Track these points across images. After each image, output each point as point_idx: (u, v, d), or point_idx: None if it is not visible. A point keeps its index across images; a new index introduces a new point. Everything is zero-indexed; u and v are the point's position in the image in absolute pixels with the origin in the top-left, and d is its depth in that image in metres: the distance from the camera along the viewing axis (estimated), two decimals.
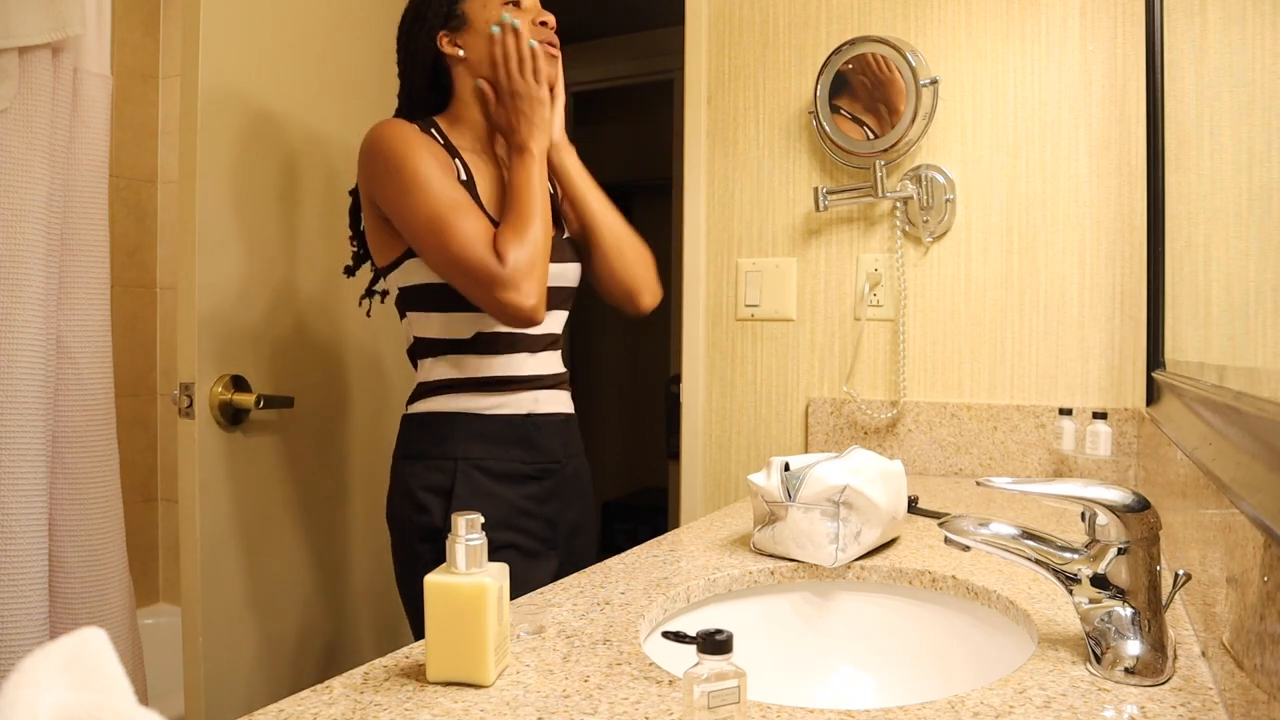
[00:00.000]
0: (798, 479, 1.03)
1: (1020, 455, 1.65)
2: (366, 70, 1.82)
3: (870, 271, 1.78)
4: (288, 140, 1.68)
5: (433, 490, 1.24)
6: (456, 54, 1.28)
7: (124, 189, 2.49)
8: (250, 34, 1.59)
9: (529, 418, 1.28)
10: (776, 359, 1.87)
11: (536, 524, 1.27)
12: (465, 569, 0.68)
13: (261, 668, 1.61)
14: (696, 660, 0.59)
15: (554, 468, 1.30)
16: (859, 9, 1.79)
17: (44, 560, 1.38)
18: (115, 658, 0.35)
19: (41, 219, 1.38)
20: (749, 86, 1.90)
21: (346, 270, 1.43)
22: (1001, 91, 1.68)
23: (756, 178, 1.89)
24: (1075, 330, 1.64)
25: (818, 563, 1.01)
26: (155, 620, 2.45)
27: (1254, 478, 0.59)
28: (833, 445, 1.79)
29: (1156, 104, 1.49)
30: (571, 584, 0.98)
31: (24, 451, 1.36)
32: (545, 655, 0.75)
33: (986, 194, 1.70)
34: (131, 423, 2.47)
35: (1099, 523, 0.72)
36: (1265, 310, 0.74)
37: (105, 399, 1.52)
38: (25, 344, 1.36)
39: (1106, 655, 0.70)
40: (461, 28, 1.28)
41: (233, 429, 1.56)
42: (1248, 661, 0.56)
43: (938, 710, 0.64)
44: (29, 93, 1.37)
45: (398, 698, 0.66)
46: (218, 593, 1.52)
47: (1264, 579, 0.52)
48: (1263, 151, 0.77)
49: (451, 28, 1.28)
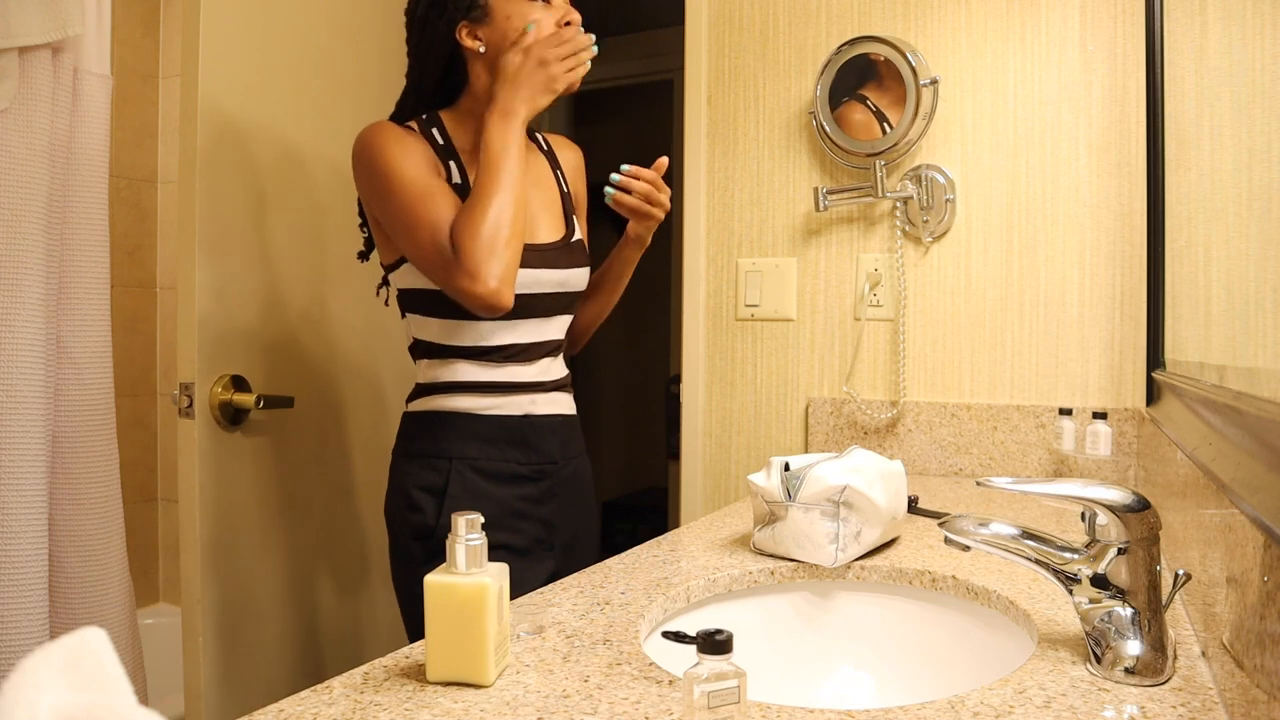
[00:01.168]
0: (798, 479, 1.03)
1: (1020, 455, 1.65)
2: (368, 70, 1.82)
3: (870, 271, 1.78)
4: (288, 139, 1.68)
5: (427, 489, 1.24)
6: (476, 48, 1.24)
7: (124, 189, 2.49)
8: (251, 34, 1.59)
9: (525, 418, 1.27)
10: (776, 359, 1.87)
11: (531, 525, 1.27)
12: (465, 569, 0.68)
13: (261, 668, 1.61)
14: (696, 660, 0.59)
15: (551, 468, 1.30)
16: (859, 9, 1.79)
17: (44, 560, 1.38)
18: (115, 658, 0.35)
19: (41, 219, 1.38)
20: (749, 86, 1.90)
21: (360, 255, 1.40)
22: (1001, 91, 1.68)
23: (756, 178, 1.89)
24: (1075, 330, 1.64)
25: (818, 563, 1.01)
26: (155, 620, 2.45)
27: (1254, 478, 0.59)
28: (833, 445, 1.79)
29: (1156, 104, 1.49)
30: (571, 584, 0.98)
31: (24, 451, 1.36)
32: (545, 655, 0.75)
33: (986, 194, 1.70)
34: (131, 423, 2.47)
35: (1099, 523, 0.72)
36: (1265, 310, 0.74)
37: (105, 399, 1.52)
38: (25, 344, 1.36)
39: (1106, 655, 0.70)
40: (483, 20, 1.23)
41: (233, 429, 1.56)
42: (1248, 661, 0.56)
43: (938, 710, 0.64)
44: (29, 93, 1.37)
45: (398, 698, 0.66)
46: (218, 593, 1.52)
47: (1264, 579, 0.52)
48: (1263, 151, 0.77)
49: (474, 19, 1.23)
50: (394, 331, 1.78)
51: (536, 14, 1.22)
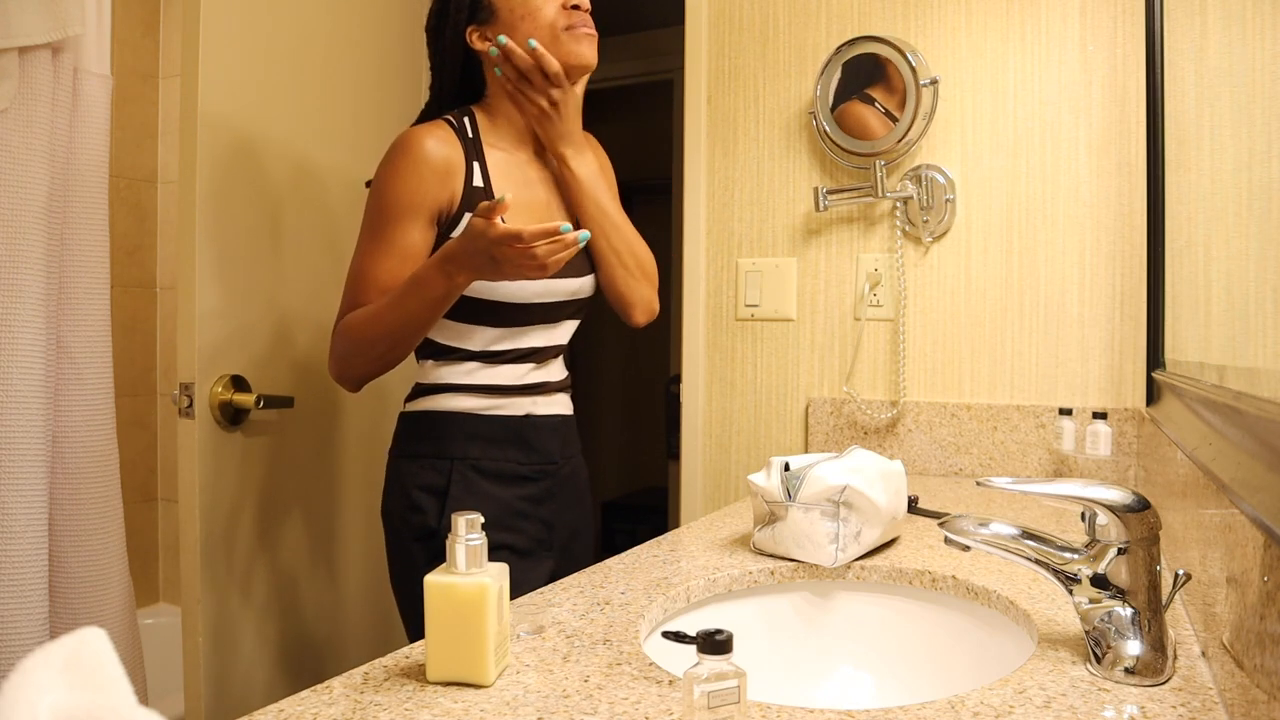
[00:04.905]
0: (798, 479, 1.03)
1: (1020, 455, 1.65)
2: (370, 70, 1.82)
3: (870, 271, 1.78)
4: (289, 139, 1.68)
5: (428, 490, 1.24)
6: (487, 49, 1.24)
7: (124, 189, 2.49)
8: (252, 34, 1.59)
9: (526, 419, 1.27)
10: (776, 359, 1.87)
11: (532, 525, 1.27)
12: (465, 569, 0.68)
13: (261, 667, 1.61)
14: (696, 660, 0.59)
15: (551, 468, 1.30)
16: (859, 9, 1.79)
17: (44, 560, 1.38)
18: (115, 658, 0.35)
19: (41, 219, 1.38)
20: (749, 86, 1.90)
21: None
22: (1001, 91, 1.68)
23: (756, 178, 1.89)
24: (1075, 330, 1.64)
25: (818, 563, 1.01)
26: (155, 620, 2.45)
27: (1254, 478, 0.59)
28: (833, 445, 1.79)
29: (1156, 104, 1.49)
30: (571, 584, 0.98)
31: (24, 451, 1.35)
32: (545, 655, 0.75)
33: (986, 194, 1.70)
34: (131, 423, 2.46)
35: (1099, 523, 0.72)
36: (1265, 310, 0.74)
37: (105, 399, 1.51)
38: (25, 344, 1.36)
39: (1106, 655, 0.70)
40: (490, 20, 1.23)
41: (233, 429, 1.56)
42: (1248, 661, 0.56)
43: (938, 710, 0.64)
44: (29, 93, 1.36)
45: (398, 698, 0.66)
46: (217, 593, 1.52)
47: (1264, 579, 0.52)
48: (1263, 151, 0.77)
49: (480, 20, 1.23)
50: None
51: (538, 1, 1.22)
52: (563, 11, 1.22)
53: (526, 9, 1.22)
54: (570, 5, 1.23)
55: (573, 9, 1.23)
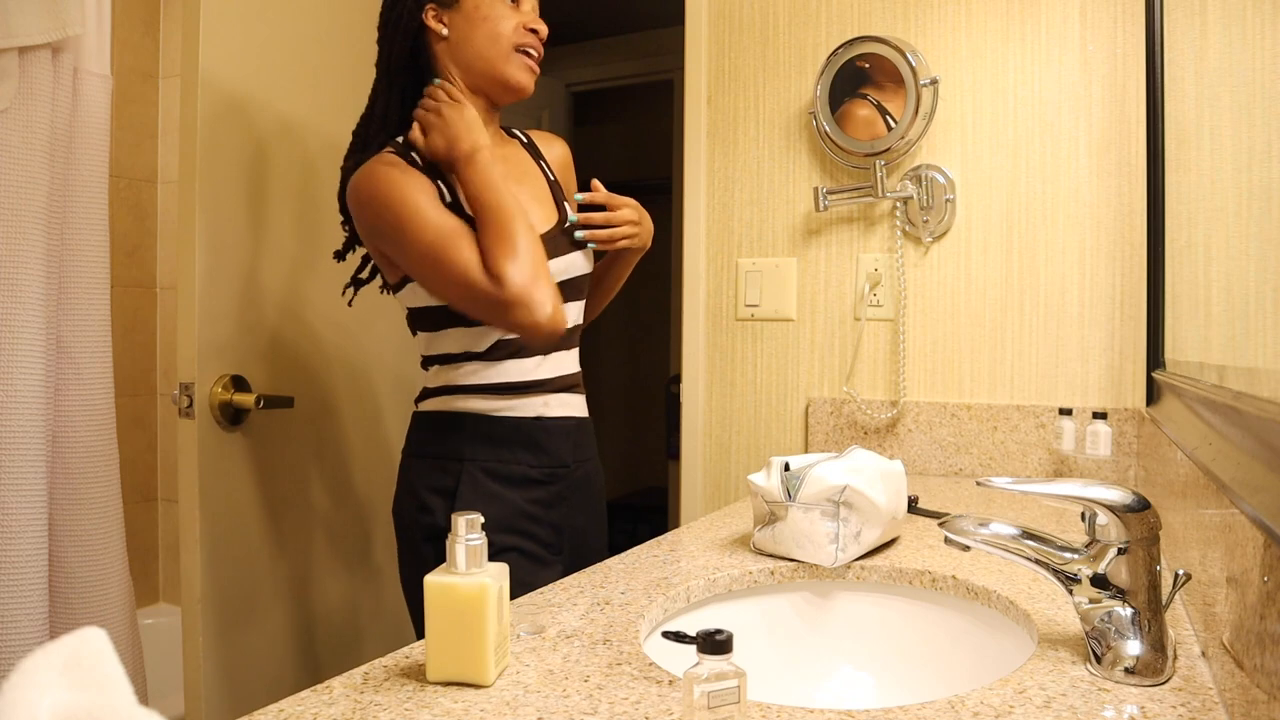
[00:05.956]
0: (798, 479, 1.03)
1: (1020, 455, 1.65)
2: (368, 70, 1.82)
3: (870, 271, 1.78)
4: (288, 139, 1.68)
5: (437, 490, 1.23)
6: (440, 30, 1.24)
7: (124, 189, 2.49)
8: (251, 34, 1.59)
9: (538, 421, 1.27)
10: (776, 359, 1.87)
11: (541, 529, 1.26)
12: (465, 569, 0.68)
13: (261, 668, 1.61)
14: (696, 660, 0.59)
15: (562, 472, 1.29)
16: (859, 9, 1.79)
17: (44, 560, 1.38)
18: (115, 658, 0.35)
19: (41, 219, 1.38)
20: (749, 86, 1.90)
21: (336, 255, 1.38)
22: (1001, 91, 1.68)
23: (756, 178, 1.89)
24: (1075, 330, 1.64)
25: (818, 563, 1.01)
26: (155, 620, 2.45)
27: (1254, 478, 0.59)
28: (833, 445, 1.79)
29: (1156, 104, 1.49)
30: (571, 584, 0.98)
31: (24, 451, 1.36)
32: (545, 655, 0.75)
33: (986, 194, 1.70)
34: (131, 423, 2.47)
35: (1099, 523, 0.72)
36: (1265, 310, 0.74)
37: (105, 399, 1.52)
38: (25, 344, 1.36)
39: (1106, 655, 0.70)
40: (451, 4, 1.24)
41: (233, 429, 1.56)
42: (1248, 661, 0.56)
43: (938, 710, 0.64)
44: (29, 93, 1.37)
45: (398, 698, 0.66)
46: (217, 593, 1.52)
47: (1264, 579, 0.52)
48: (1263, 151, 0.77)
49: (442, 2, 1.24)
50: (393, 332, 1.78)
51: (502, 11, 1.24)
52: (521, 30, 1.24)
53: (488, 14, 1.23)
54: (530, 28, 1.25)
55: (531, 31, 1.25)
